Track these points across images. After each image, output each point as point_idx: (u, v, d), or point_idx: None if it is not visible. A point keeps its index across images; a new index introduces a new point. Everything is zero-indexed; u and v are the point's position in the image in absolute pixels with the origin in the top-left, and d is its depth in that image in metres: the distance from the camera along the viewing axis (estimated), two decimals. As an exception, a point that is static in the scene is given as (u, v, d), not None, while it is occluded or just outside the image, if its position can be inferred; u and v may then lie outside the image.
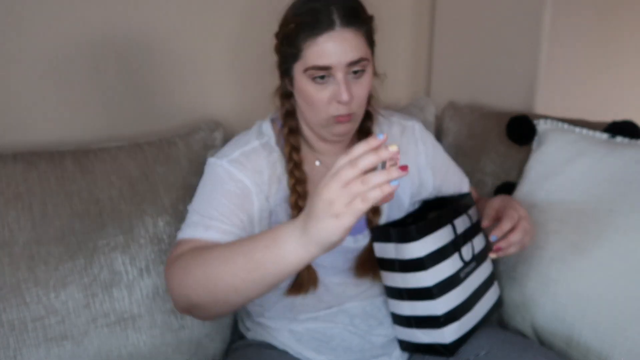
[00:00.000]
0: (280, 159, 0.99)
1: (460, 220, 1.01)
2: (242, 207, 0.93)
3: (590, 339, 1.02)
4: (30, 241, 1.00)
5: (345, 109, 0.91)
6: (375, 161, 0.65)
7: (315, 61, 0.88)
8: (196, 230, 0.91)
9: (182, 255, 0.86)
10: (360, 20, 0.90)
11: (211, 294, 0.79)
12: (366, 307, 1.03)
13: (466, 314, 0.98)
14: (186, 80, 1.35)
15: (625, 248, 1.01)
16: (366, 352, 1.03)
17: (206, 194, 0.96)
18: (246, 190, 0.94)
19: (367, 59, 0.91)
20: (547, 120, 1.25)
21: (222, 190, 0.94)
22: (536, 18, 1.41)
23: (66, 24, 1.17)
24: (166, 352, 1.08)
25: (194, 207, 0.95)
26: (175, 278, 0.84)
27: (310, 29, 0.87)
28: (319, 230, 0.66)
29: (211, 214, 0.92)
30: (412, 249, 0.93)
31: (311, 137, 1.01)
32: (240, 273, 0.75)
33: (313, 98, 0.91)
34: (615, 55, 1.67)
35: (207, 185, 0.97)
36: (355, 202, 0.64)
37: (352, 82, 0.91)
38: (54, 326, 0.99)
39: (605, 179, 1.07)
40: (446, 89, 1.71)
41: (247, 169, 0.95)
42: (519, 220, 0.96)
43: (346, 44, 0.87)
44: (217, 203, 0.93)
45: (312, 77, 0.90)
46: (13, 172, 1.03)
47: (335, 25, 0.87)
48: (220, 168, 0.96)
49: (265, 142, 0.99)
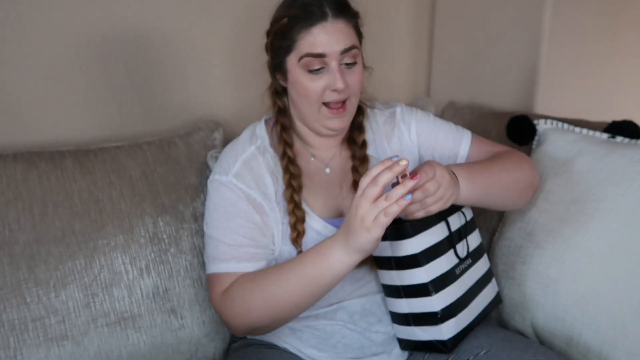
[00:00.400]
0: (274, 157, 1.01)
1: (454, 217, 1.02)
2: (262, 222, 0.97)
3: (590, 339, 1.02)
4: (31, 241, 1.00)
5: (340, 96, 0.95)
6: (391, 177, 0.78)
7: (310, 49, 0.92)
8: (229, 263, 0.96)
9: (231, 290, 0.94)
10: (350, 12, 0.96)
11: (275, 316, 0.91)
12: (365, 304, 1.04)
13: (463, 311, 0.99)
14: (186, 80, 1.35)
15: (626, 248, 1.01)
16: (366, 349, 1.03)
17: (222, 217, 0.98)
18: (257, 204, 0.97)
19: (358, 47, 0.97)
20: (547, 120, 1.25)
21: (237, 211, 0.97)
22: (536, 18, 1.41)
23: (66, 25, 1.17)
24: (166, 352, 1.09)
25: (216, 236, 0.97)
26: (235, 313, 0.93)
27: (303, 21, 0.92)
28: (356, 242, 0.81)
29: (237, 241, 0.96)
30: (407, 246, 0.94)
31: (305, 132, 1.04)
32: (298, 291, 0.88)
33: (307, 88, 0.95)
34: (615, 55, 1.67)
35: (220, 208, 0.98)
36: (380, 217, 0.78)
37: (346, 71, 0.95)
38: (54, 326, 0.99)
39: (605, 179, 1.07)
40: (446, 89, 1.71)
41: (252, 181, 0.98)
42: (429, 179, 0.85)
43: (339, 34, 0.93)
44: (237, 226, 0.96)
45: (307, 68, 0.94)
46: (13, 172, 1.03)
47: (328, 17, 0.92)
48: (229, 187, 0.97)
49: (260, 145, 1.02)
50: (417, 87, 1.79)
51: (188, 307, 1.10)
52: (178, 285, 1.10)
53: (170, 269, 1.10)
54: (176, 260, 1.11)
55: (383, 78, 1.70)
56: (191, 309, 1.11)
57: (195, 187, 1.18)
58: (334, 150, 1.06)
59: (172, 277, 1.10)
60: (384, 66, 1.72)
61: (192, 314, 1.11)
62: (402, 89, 1.74)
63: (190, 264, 1.12)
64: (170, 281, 1.09)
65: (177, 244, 1.12)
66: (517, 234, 1.17)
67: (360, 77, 0.97)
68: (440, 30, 1.69)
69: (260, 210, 0.97)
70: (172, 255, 1.10)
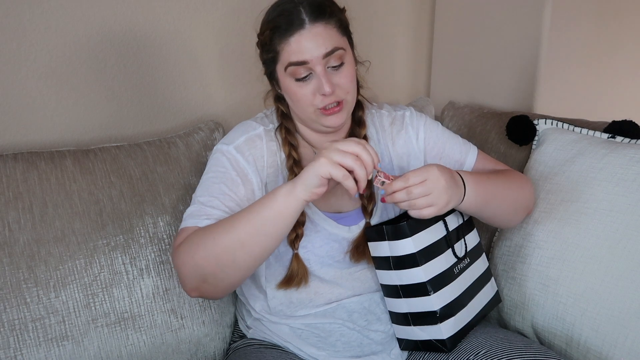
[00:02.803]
0: (279, 150, 1.03)
1: (451, 217, 1.03)
2: (243, 196, 0.98)
3: (590, 339, 1.02)
4: (31, 241, 1.00)
5: (329, 99, 0.95)
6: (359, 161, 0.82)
7: (292, 58, 0.93)
8: (199, 219, 0.95)
9: (186, 239, 0.92)
10: (328, 13, 0.94)
11: (219, 257, 0.87)
12: (364, 303, 1.04)
13: (462, 310, 1.00)
14: (186, 81, 1.35)
15: (626, 248, 1.01)
16: (365, 347, 1.03)
17: (209, 181, 1.00)
18: (247, 179, 0.99)
19: (343, 48, 0.95)
20: (547, 120, 1.26)
21: (224, 177, 0.99)
22: (536, 18, 1.41)
23: (66, 25, 1.17)
24: (166, 352, 1.09)
25: (197, 196, 0.99)
26: (183, 255, 0.90)
27: (283, 32, 0.93)
28: (303, 174, 0.83)
29: (212, 203, 0.96)
30: (405, 246, 0.94)
31: (308, 133, 1.05)
32: (243, 227, 0.86)
33: (297, 95, 0.96)
34: (615, 55, 1.67)
35: (210, 172, 1.01)
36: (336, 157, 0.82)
37: (332, 73, 0.95)
38: (54, 326, 0.99)
39: (605, 179, 1.07)
40: (446, 89, 1.71)
41: (251, 156, 1.00)
42: (415, 184, 0.86)
43: (318, 38, 0.92)
44: (218, 191, 0.97)
45: (294, 76, 0.94)
46: (13, 172, 1.03)
47: (305, 23, 0.92)
48: (226, 154, 1.00)
49: (270, 130, 1.04)
50: (417, 87, 1.79)
51: (188, 307, 1.10)
52: (178, 285, 1.10)
53: (170, 269, 1.10)
54: (176, 260, 1.11)
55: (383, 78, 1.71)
56: (191, 309, 1.11)
57: (195, 187, 1.17)
58: None
59: (172, 277, 1.10)
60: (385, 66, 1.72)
61: (192, 314, 1.11)
62: (402, 89, 1.75)
63: (190, 264, 1.12)
64: (170, 281, 1.09)
65: (177, 244, 1.12)
66: (517, 234, 1.17)
67: (351, 76, 0.97)
68: (440, 30, 1.70)
69: (248, 185, 0.99)
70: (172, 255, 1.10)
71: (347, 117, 1.00)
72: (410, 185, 0.86)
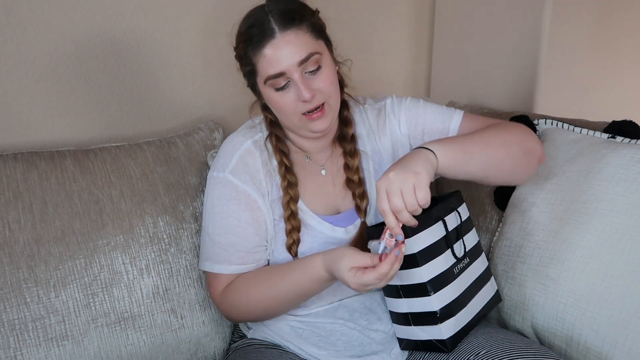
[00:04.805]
0: (271, 157, 1.03)
1: (450, 217, 1.03)
2: (253, 219, 1.00)
3: (590, 339, 1.02)
4: (31, 241, 1.00)
5: (311, 104, 0.94)
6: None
7: (268, 71, 0.92)
8: (222, 265, 1.01)
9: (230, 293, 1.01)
10: (298, 19, 0.92)
11: (268, 314, 1.03)
12: (365, 302, 1.05)
13: (462, 310, 1.00)
14: (186, 80, 1.35)
15: (626, 248, 1.01)
16: (365, 346, 1.04)
17: (217, 216, 1.01)
18: (251, 199, 1.00)
19: (318, 52, 0.94)
20: (547, 120, 1.25)
21: (230, 211, 1.00)
22: (536, 18, 1.41)
23: (66, 25, 1.17)
24: (166, 352, 1.09)
25: (210, 233, 1.02)
26: (234, 314, 1.04)
27: (255, 43, 0.92)
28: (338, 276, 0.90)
29: (229, 240, 1.00)
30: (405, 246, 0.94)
31: (297, 139, 1.05)
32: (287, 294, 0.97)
33: (279, 104, 0.95)
34: (615, 55, 1.67)
35: (215, 207, 1.01)
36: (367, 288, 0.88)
37: (311, 78, 0.94)
38: (54, 326, 0.99)
39: (605, 179, 1.07)
40: (446, 89, 1.71)
41: (247, 175, 1.00)
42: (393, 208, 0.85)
43: (291, 46, 0.91)
44: (229, 226, 1.00)
45: (273, 86, 0.94)
46: (13, 172, 1.03)
47: (276, 33, 0.91)
48: (224, 184, 1.00)
49: (258, 140, 1.04)
50: (417, 87, 1.79)
51: (188, 307, 1.10)
52: (178, 285, 1.10)
53: (170, 269, 1.10)
54: (176, 260, 1.11)
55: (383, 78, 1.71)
56: (191, 309, 1.11)
57: (195, 187, 1.18)
58: (328, 152, 1.07)
59: (172, 277, 1.10)
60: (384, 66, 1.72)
61: (192, 314, 1.11)
62: (402, 89, 1.75)
63: (190, 264, 1.12)
64: (170, 281, 1.09)
65: (177, 243, 1.12)
66: (517, 234, 1.17)
67: (330, 79, 0.95)
68: (440, 31, 1.69)
69: (253, 205, 1.00)
70: (172, 255, 1.11)
71: (333, 120, 1.00)
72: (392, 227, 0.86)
